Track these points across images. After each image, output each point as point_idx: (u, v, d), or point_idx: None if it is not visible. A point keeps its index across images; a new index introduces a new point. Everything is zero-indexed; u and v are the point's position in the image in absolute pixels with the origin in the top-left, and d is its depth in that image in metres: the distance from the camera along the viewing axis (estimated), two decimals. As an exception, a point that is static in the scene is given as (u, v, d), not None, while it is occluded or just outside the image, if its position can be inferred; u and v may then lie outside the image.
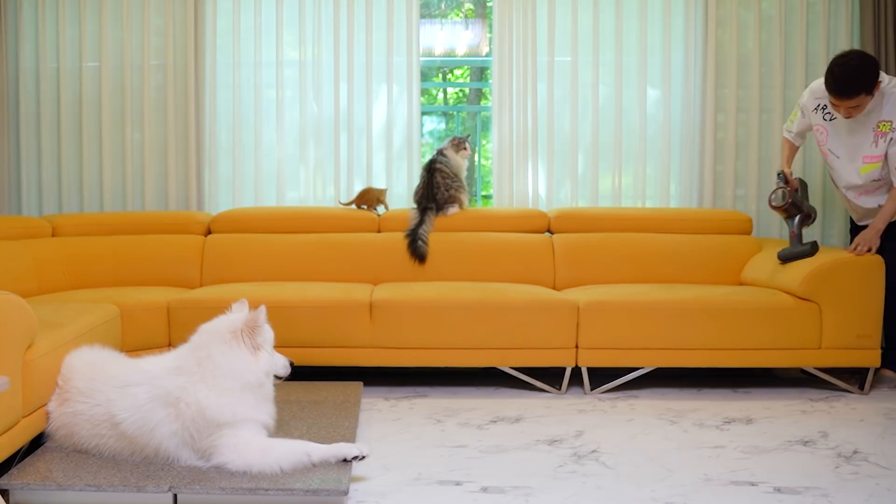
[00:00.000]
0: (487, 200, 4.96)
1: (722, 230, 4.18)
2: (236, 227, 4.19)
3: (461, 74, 5.78)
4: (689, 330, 3.45)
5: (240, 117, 4.50)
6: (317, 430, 2.68)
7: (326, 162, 4.52)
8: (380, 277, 3.98)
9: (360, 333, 3.47)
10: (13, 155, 4.49)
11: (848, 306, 3.41)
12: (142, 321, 3.39)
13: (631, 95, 4.49)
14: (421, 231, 4.03)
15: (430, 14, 5.10)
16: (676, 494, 2.31)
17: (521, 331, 3.46)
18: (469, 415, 3.17)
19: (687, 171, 4.50)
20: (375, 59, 4.48)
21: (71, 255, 3.93)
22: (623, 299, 3.51)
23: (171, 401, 2.30)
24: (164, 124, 4.48)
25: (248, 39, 4.49)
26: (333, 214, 4.25)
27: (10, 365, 2.25)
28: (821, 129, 3.65)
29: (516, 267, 4.02)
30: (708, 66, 4.41)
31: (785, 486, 2.38)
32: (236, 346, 2.37)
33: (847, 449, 2.75)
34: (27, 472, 2.26)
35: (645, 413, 3.21)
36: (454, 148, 4.20)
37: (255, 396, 2.38)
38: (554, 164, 4.50)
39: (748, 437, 2.88)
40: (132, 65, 4.46)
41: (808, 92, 3.70)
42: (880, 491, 2.36)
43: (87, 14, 4.44)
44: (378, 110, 4.52)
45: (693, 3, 4.44)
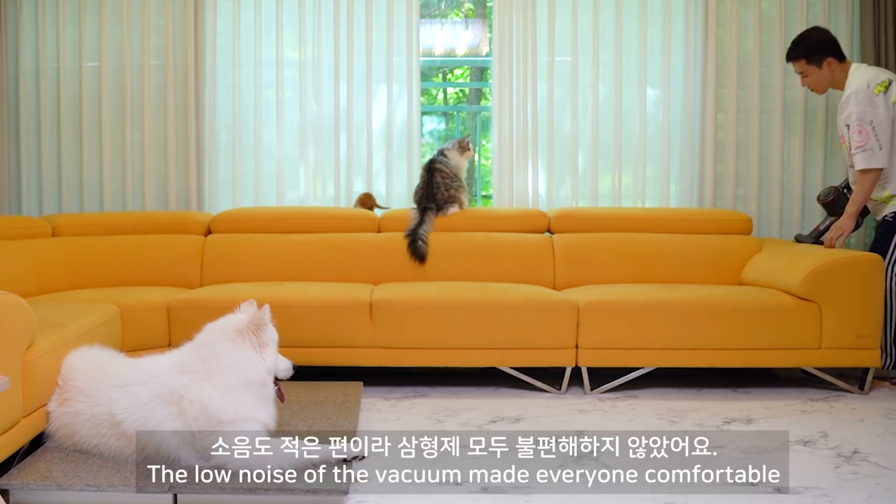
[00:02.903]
0: (487, 200, 4.96)
1: (722, 230, 4.18)
2: (236, 227, 4.19)
3: (461, 74, 5.77)
4: (689, 330, 3.45)
5: (240, 117, 4.49)
6: (317, 430, 2.67)
7: (326, 162, 4.52)
8: (380, 277, 3.98)
9: (360, 333, 3.47)
10: (13, 155, 4.49)
11: (848, 306, 3.41)
12: (142, 321, 3.39)
13: (631, 95, 4.48)
14: (421, 231, 4.03)
15: (430, 14, 5.09)
16: (676, 494, 2.31)
17: (520, 331, 3.46)
18: (469, 415, 3.17)
19: (687, 171, 4.49)
20: (375, 58, 4.47)
21: (71, 255, 3.92)
22: (623, 299, 3.51)
23: (173, 399, 2.30)
24: (164, 124, 4.48)
25: (248, 39, 4.49)
26: (333, 214, 4.25)
27: (10, 365, 2.25)
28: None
29: (516, 267, 4.01)
30: (708, 66, 4.41)
31: (785, 486, 2.37)
32: (241, 344, 2.37)
33: (847, 449, 2.75)
34: (27, 472, 2.26)
35: (645, 413, 3.21)
36: (459, 150, 4.17)
37: (257, 395, 2.38)
38: (554, 164, 4.50)
39: (748, 437, 2.88)
40: (132, 65, 4.46)
41: None
42: (880, 491, 2.36)
43: (87, 14, 4.44)
44: (378, 110, 4.52)
45: (693, 3, 4.44)
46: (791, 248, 3.91)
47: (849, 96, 3.58)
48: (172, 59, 4.45)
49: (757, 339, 3.44)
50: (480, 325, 3.46)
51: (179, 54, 4.46)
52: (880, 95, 3.49)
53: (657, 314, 3.45)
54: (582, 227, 4.19)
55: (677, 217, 4.22)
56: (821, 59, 3.67)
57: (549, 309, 3.48)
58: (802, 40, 3.73)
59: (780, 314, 3.44)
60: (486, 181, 5.08)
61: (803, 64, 3.70)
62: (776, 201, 4.43)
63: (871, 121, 3.48)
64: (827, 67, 3.66)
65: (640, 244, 4.08)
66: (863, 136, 3.46)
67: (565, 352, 3.48)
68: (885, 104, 3.50)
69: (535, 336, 3.46)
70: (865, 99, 3.50)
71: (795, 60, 3.74)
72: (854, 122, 3.50)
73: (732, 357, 3.47)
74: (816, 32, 3.77)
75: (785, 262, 3.66)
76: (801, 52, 3.71)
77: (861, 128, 3.47)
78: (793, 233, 4.43)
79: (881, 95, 3.49)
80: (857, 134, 3.48)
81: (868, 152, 3.47)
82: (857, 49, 4.42)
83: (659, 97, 4.50)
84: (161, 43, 4.48)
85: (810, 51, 3.68)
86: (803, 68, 3.72)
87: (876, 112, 3.49)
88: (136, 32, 4.46)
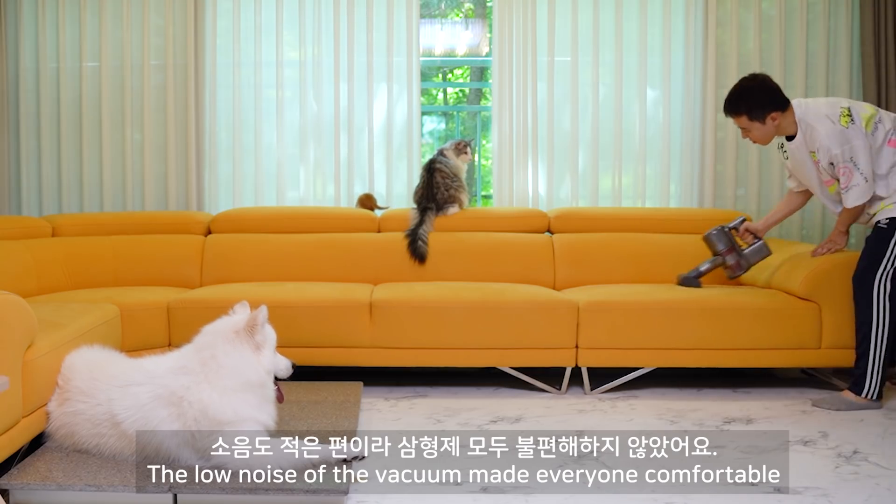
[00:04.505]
0: (487, 200, 4.96)
1: (722, 230, 4.18)
2: (236, 227, 4.19)
3: (461, 74, 5.78)
4: (689, 330, 3.45)
5: (240, 117, 4.49)
6: (317, 430, 2.67)
7: (326, 162, 4.52)
8: (380, 277, 3.98)
9: (360, 333, 3.47)
10: (13, 155, 4.49)
11: (848, 306, 3.39)
12: (142, 321, 3.39)
13: (631, 95, 4.49)
14: (421, 231, 4.03)
15: (430, 14, 5.10)
16: (676, 494, 2.31)
17: (520, 331, 3.46)
18: (469, 415, 3.17)
19: (687, 171, 4.50)
20: (375, 58, 4.48)
21: (71, 255, 3.92)
22: (623, 299, 3.51)
23: (174, 400, 2.31)
24: (164, 124, 4.48)
25: (248, 39, 4.49)
26: (333, 214, 4.25)
27: (10, 365, 2.25)
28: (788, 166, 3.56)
29: (516, 267, 4.01)
30: (708, 66, 4.42)
31: (785, 486, 2.37)
32: (239, 345, 2.37)
33: (847, 449, 2.75)
34: (27, 472, 2.26)
35: (645, 413, 3.21)
36: (455, 151, 4.17)
37: (257, 396, 2.39)
38: (554, 164, 4.50)
39: (748, 437, 2.88)
40: (132, 65, 4.46)
41: None
42: (880, 491, 2.36)
43: (87, 14, 4.44)
44: (378, 110, 4.52)
45: (693, 3, 4.44)
46: (791, 248, 3.90)
47: (820, 144, 3.24)
48: (172, 59, 4.45)
49: (757, 339, 3.44)
50: (480, 325, 3.46)
51: (179, 54, 4.46)
52: (850, 127, 3.20)
53: (657, 314, 3.45)
54: (582, 227, 4.19)
55: (677, 217, 4.23)
56: (764, 114, 3.28)
57: (549, 309, 3.48)
58: (741, 95, 3.31)
59: (780, 314, 3.44)
60: (486, 181, 5.08)
61: (745, 120, 3.32)
62: (776, 201, 4.42)
63: (850, 157, 3.22)
64: (771, 122, 3.29)
65: (640, 244, 4.08)
66: (847, 176, 3.22)
67: (565, 352, 3.48)
68: (859, 135, 3.20)
69: (535, 336, 3.46)
70: (839, 139, 3.19)
71: (735, 116, 3.34)
72: (841, 165, 3.23)
73: (732, 357, 3.47)
74: (757, 84, 3.32)
75: (785, 263, 3.66)
76: (743, 108, 3.30)
77: (846, 167, 3.22)
78: (793, 233, 4.44)
79: (850, 126, 3.20)
80: (841, 175, 3.23)
81: (856, 189, 3.22)
82: (857, 49, 4.42)
83: (659, 97, 4.50)
84: (161, 43, 4.48)
85: (752, 107, 3.28)
86: (745, 124, 3.33)
87: (854, 146, 3.19)
88: (136, 32, 4.47)
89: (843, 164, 3.22)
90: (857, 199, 3.24)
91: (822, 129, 3.22)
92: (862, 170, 3.20)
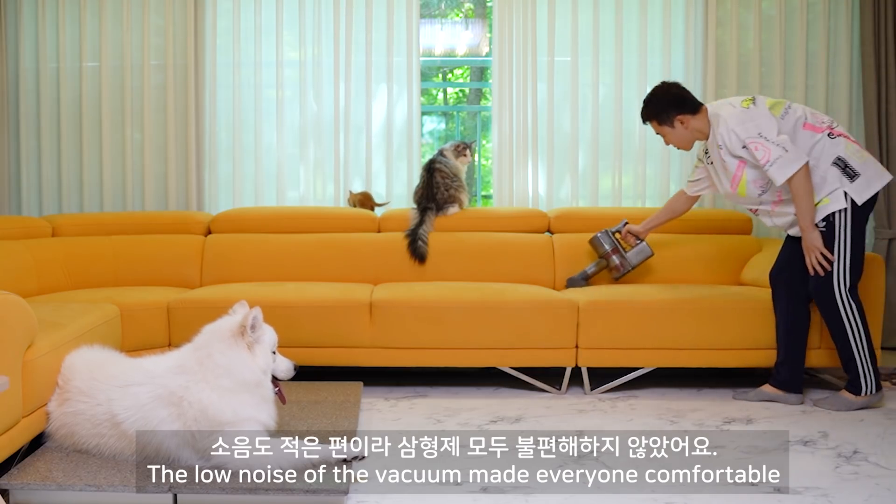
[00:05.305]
0: (487, 200, 4.96)
1: (722, 230, 4.18)
2: (236, 227, 4.19)
3: (461, 74, 5.78)
4: (689, 330, 3.45)
5: (240, 117, 4.50)
6: (317, 430, 2.67)
7: (326, 162, 4.52)
8: (380, 277, 3.98)
9: (360, 333, 3.47)
10: (13, 155, 4.49)
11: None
12: (142, 321, 3.39)
13: (631, 95, 4.48)
14: (421, 231, 4.03)
15: (430, 14, 5.10)
16: (676, 494, 2.31)
17: (520, 331, 3.46)
18: (469, 415, 3.17)
19: (687, 171, 4.48)
20: (375, 58, 4.48)
21: (71, 255, 3.92)
22: (623, 299, 3.51)
23: (173, 400, 2.31)
24: (164, 124, 4.48)
25: (248, 39, 4.49)
26: (333, 214, 4.25)
27: (10, 365, 2.25)
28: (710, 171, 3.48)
29: (516, 267, 4.01)
30: (708, 66, 4.42)
31: (785, 486, 2.37)
32: (234, 345, 2.37)
33: (847, 449, 2.75)
34: (27, 472, 2.26)
35: (645, 413, 3.21)
36: (455, 152, 4.17)
37: (255, 396, 2.39)
38: (554, 164, 4.50)
39: (748, 437, 2.88)
40: (132, 65, 4.46)
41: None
42: (880, 491, 2.36)
43: (87, 14, 4.44)
44: (378, 110, 4.52)
45: (693, 3, 4.44)
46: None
47: (723, 131, 3.18)
48: (172, 59, 4.45)
49: (757, 339, 3.44)
50: (480, 325, 3.46)
51: (179, 54, 4.46)
52: (751, 107, 3.15)
53: (657, 314, 3.45)
54: (582, 227, 4.18)
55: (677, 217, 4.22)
56: (670, 118, 3.33)
57: (549, 309, 3.48)
58: (648, 102, 3.40)
59: (780, 314, 3.44)
60: (486, 181, 5.08)
61: (656, 125, 3.40)
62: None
63: (758, 133, 3.10)
64: (680, 125, 3.32)
65: (640, 244, 4.08)
66: (763, 150, 3.08)
67: (565, 352, 3.48)
68: (763, 114, 3.13)
69: (535, 336, 3.46)
70: (740, 118, 3.14)
71: (649, 122, 3.43)
72: (748, 141, 3.10)
73: (732, 357, 3.48)
74: (661, 90, 3.39)
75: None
76: (651, 113, 3.39)
77: (755, 144, 3.10)
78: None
79: (751, 107, 3.16)
80: (756, 152, 3.10)
81: (779, 161, 3.06)
82: (857, 49, 4.42)
83: (659, 97, 4.49)
84: (161, 43, 4.48)
85: (658, 111, 3.36)
86: (658, 129, 3.41)
87: (758, 123, 3.11)
88: (136, 32, 4.47)
89: (750, 139, 3.11)
90: (784, 172, 3.06)
91: (724, 113, 3.20)
92: (774, 140, 3.08)
